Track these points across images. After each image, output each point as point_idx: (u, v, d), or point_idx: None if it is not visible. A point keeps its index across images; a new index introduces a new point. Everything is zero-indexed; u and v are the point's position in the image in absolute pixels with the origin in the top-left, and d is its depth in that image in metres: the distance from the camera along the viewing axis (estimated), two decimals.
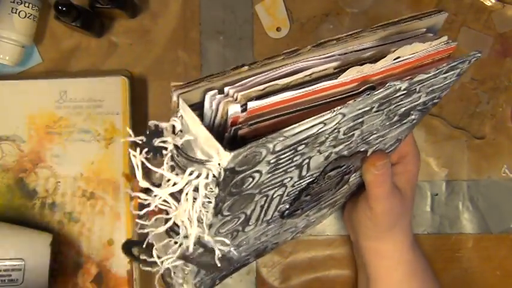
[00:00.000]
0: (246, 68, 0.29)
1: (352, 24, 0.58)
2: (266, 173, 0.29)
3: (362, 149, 0.38)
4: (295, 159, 0.30)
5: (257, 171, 0.28)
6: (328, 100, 0.30)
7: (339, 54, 0.32)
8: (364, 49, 0.33)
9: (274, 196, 0.34)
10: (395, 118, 0.36)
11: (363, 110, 0.30)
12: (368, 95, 0.29)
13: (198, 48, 0.58)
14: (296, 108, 0.29)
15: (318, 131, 0.28)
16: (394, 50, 0.32)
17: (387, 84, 0.29)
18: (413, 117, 0.39)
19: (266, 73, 0.29)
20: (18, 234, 0.51)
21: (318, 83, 0.29)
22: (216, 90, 0.28)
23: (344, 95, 0.30)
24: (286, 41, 0.58)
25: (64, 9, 0.50)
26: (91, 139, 0.54)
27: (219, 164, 0.25)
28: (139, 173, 0.28)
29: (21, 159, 0.54)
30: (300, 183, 0.35)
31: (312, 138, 0.29)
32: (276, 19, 0.58)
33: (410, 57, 0.32)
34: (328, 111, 0.27)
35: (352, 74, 0.30)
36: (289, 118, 0.28)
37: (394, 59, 0.32)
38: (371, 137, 0.37)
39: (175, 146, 0.27)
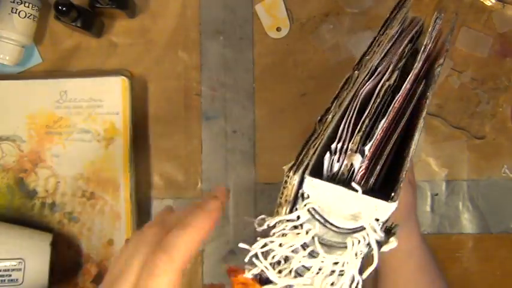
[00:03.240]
0: (330, 116, 0.29)
1: (352, 24, 0.58)
2: None
3: None
4: None
5: None
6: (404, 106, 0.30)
7: (378, 63, 0.33)
8: (388, 50, 0.34)
9: None
10: None
11: None
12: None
13: (198, 48, 0.58)
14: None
15: None
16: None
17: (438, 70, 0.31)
18: None
19: (347, 114, 0.28)
20: (18, 234, 0.51)
21: (391, 102, 0.29)
22: (327, 152, 0.27)
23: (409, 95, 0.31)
24: (286, 41, 0.58)
25: (64, 9, 0.50)
26: (91, 139, 0.54)
27: (376, 220, 0.25)
28: (272, 273, 0.28)
29: (21, 159, 0.54)
30: None
31: None
32: (276, 19, 0.58)
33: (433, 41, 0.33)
34: None
35: (409, 80, 0.30)
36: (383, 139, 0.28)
37: (423, 50, 0.32)
38: None
39: (324, 222, 0.26)
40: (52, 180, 0.54)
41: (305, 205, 0.27)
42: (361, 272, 0.28)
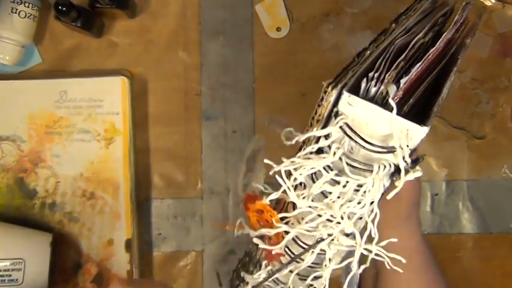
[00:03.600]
0: (368, 52, 0.30)
1: (352, 24, 0.58)
2: None
3: None
4: None
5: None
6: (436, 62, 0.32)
7: (413, 25, 0.35)
8: (421, 20, 0.36)
9: None
10: None
11: None
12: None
13: (198, 48, 0.58)
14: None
15: None
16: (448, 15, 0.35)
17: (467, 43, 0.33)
18: None
19: (384, 53, 0.30)
20: (18, 234, 0.51)
21: (427, 53, 0.30)
22: (365, 78, 0.28)
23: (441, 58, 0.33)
24: (286, 41, 0.58)
25: (64, 9, 0.50)
26: (91, 139, 0.54)
27: (407, 146, 0.26)
28: (292, 194, 0.28)
29: (21, 159, 0.54)
30: None
31: None
32: (276, 19, 0.58)
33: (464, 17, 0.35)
34: None
35: (443, 39, 0.31)
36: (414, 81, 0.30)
37: (455, 22, 0.33)
38: None
39: (362, 140, 0.27)
40: (52, 180, 0.54)
41: (337, 122, 0.27)
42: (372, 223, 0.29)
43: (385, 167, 0.27)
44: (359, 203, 0.28)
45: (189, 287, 0.57)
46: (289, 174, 0.29)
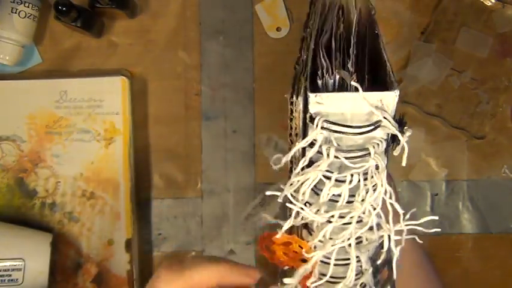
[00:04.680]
0: (305, 57, 0.31)
1: None
2: None
3: None
4: None
5: None
6: None
7: (322, 25, 0.35)
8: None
9: None
10: None
11: None
12: None
13: (198, 48, 0.58)
14: None
15: None
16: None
17: None
18: None
19: (318, 52, 0.30)
20: (18, 234, 0.51)
21: (349, 40, 0.31)
22: (317, 78, 0.29)
23: None
24: (286, 41, 0.58)
25: (64, 9, 0.50)
26: (91, 139, 0.54)
27: (388, 114, 0.26)
28: (308, 212, 0.28)
29: (21, 159, 0.54)
30: None
31: None
32: (276, 19, 0.58)
33: None
34: None
35: (356, 23, 0.32)
36: None
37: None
38: None
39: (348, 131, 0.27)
40: (52, 180, 0.54)
41: (317, 125, 0.27)
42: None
43: (378, 144, 0.27)
44: (374, 188, 0.28)
45: None
46: (292, 197, 0.29)
